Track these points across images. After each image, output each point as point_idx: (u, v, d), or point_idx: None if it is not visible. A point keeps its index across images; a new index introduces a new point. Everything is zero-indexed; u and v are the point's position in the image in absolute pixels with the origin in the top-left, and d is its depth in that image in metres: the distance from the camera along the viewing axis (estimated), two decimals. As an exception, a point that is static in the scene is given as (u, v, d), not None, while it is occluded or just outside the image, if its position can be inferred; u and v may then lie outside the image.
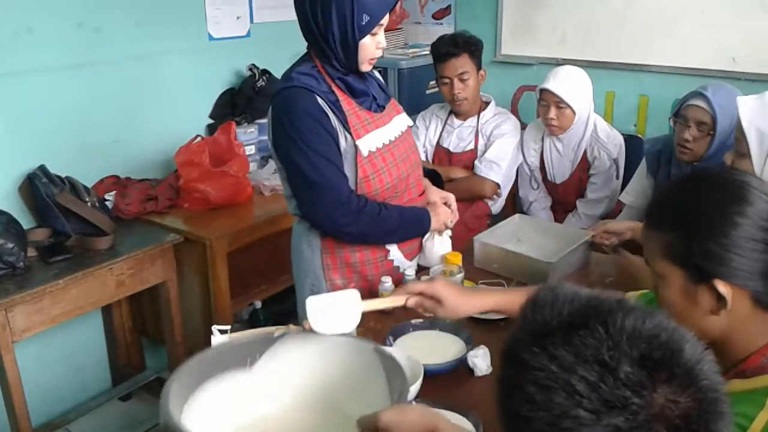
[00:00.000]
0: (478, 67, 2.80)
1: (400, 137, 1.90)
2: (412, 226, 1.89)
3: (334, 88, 1.77)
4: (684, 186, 1.10)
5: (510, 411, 0.71)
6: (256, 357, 1.25)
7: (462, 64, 2.73)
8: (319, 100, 1.73)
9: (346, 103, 1.77)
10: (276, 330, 1.29)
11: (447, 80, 2.77)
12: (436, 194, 2.00)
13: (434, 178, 2.15)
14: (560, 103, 2.67)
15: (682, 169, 2.34)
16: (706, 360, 0.68)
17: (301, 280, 1.98)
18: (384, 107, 1.89)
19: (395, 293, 1.46)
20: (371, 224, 1.79)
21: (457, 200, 2.06)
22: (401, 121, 1.95)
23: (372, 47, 1.75)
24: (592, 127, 2.79)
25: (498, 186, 2.83)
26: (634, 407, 0.63)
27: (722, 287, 1.00)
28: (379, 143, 1.81)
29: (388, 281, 1.80)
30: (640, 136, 3.12)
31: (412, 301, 1.42)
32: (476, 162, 2.84)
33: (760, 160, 1.43)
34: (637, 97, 3.23)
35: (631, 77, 3.20)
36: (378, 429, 0.99)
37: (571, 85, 2.68)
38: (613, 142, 2.80)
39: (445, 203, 1.99)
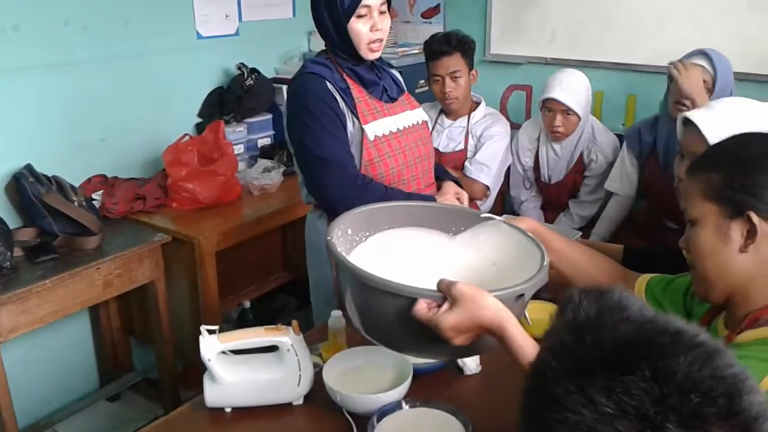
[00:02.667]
0: (470, 67, 2.80)
1: (411, 128, 1.98)
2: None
3: (345, 77, 1.88)
4: (729, 140, 1.21)
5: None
6: (461, 229, 1.41)
7: (454, 62, 2.72)
8: (329, 85, 1.83)
9: (357, 91, 1.88)
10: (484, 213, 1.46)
11: (438, 78, 2.76)
12: (450, 188, 2.05)
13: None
14: (567, 111, 2.69)
15: (670, 130, 2.36)
16: (766, 415, 0.59)
17: (312, 266, 2.06)
18: (396, 99, 1.97)
19: None
20: (377, 200, 1.79)
21: None
22: (414, 114, 2.02)
23: (364, 31, 1.81)
24: (590, 130, 2.81)
25: (487, 188, 2.83)
26: None
27: (755, 218, 1.08)
28: (386, 130, 1.90)
29: None
30: (628, 135, 3.14)
31: None
32: (466, 163, 2.84)
33: None
34: (625, 96, 3.24)
35: (619, 76, 3.21)
36: (449, 292, 1.08)
37: (577, 92, 2.69)
38: (610, 144, 2.83)
39: (458, 199, 2.02)
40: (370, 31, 1.82)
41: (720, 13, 2.86)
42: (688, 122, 1.54)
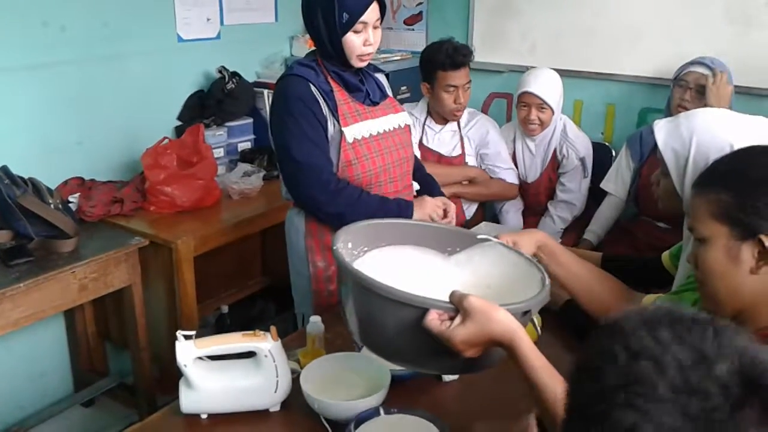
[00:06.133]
0: None
1: (391, 132, 2.02)
2: (391, 214, 1.93)
3: (330, 80, 1.93)
4: (737, 154, 1.20)
5: (581, 362, 0.68)
6: (456, 249, 1.41)
7: (467, 73, 2.77)
8: (313, 88, 1.89)
9: (340, 93, 1.93)
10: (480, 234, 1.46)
11: (453, 88, 2.76)
12: (438, 198, 2.08)
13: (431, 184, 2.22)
14: (542, 105, 2.75)
15: None
16: None
17: (291, 261, 2.12)
18: (378, 103, 2.02)
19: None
20: (349, 206, 1.88)
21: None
22: (397, 118, 2.07)
23: (357, 44, 1.88)
24: (562, 127, 2.87)
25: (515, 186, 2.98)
26: (716, 401, 0.59)
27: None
28: (366, 133, 1.95)
29: None
30: (607, 144, 3.17)
31: None
32: (491, 166, 2.93)
33: (678, 179, 1.48)
34: (604, 106, 3.27)
35: (599, 86, 3.24)
36: (461, 305, 1.09)
37: (551, 87, 2.79)
38: (581, 141, 2.90)
39: (444, 210, 2.04)
40: (363, 45, 1.89)
41: (697, 25, 2.90)
42: None
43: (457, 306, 1.10)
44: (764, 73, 2.81)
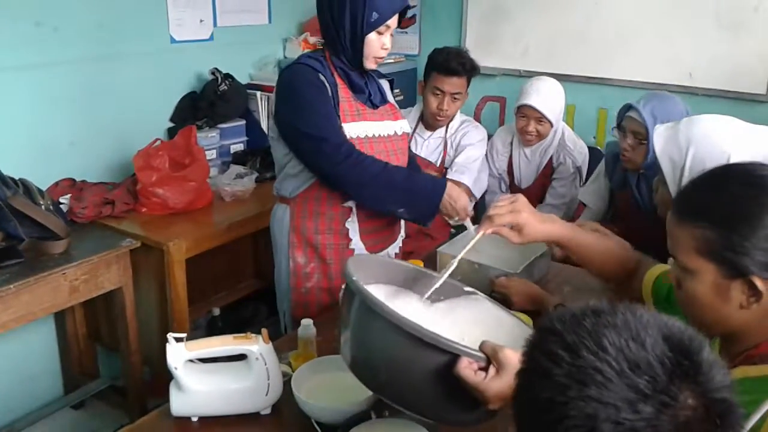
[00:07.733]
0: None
1: (387, 137, 2.03)
2: (420, 191, 1.92)
3: (336, 75, 1.94)
4: (715, 179, 1.10)
5: (530, 367, 0.71)
6: (440, 298, 1.41)
7: (461, 84, 2.73)
8: (321, 76, 1.90)
9: (343, 91, 1.95)
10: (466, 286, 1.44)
11: (440, 93, 2.73)
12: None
13: None
14: (541, 119, 2.74)
15: (630, 174, 2.41)
16: (720, 364, 0.69)
17: (275, 257, 2.14)
18: (377, 107, 2.03)
19: (482, 225, 1.51)
20: (375, 176, 1.88)
21: None
22: (395, 125, 2.07)
23: (377, 45, 1.90)
24: (560, 135, 2.86)
25: (470, 191, 2.84)
26: (657, 371, 0.64)
27: (760, 283, 1.01)
28: (362, 133, 1.96)
29: None
30: (599, 148, 3.18)
31: (490, 231, 1.48)
32: (448, 170, 2.86)
33: (675, 187, 1.46)
34: (596, 110, 3.28)
35: (591, 90, 3.25)
36: (495, 357, 1.07)
37: (551, 100, 2.75)
38: (579, 150, 2.89)
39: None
40: (380, 47, 1.91)
41: (688, 30, 2.92)
42: None
43: (491, 357, 1.07)
44: (753, 78, 2.83)
